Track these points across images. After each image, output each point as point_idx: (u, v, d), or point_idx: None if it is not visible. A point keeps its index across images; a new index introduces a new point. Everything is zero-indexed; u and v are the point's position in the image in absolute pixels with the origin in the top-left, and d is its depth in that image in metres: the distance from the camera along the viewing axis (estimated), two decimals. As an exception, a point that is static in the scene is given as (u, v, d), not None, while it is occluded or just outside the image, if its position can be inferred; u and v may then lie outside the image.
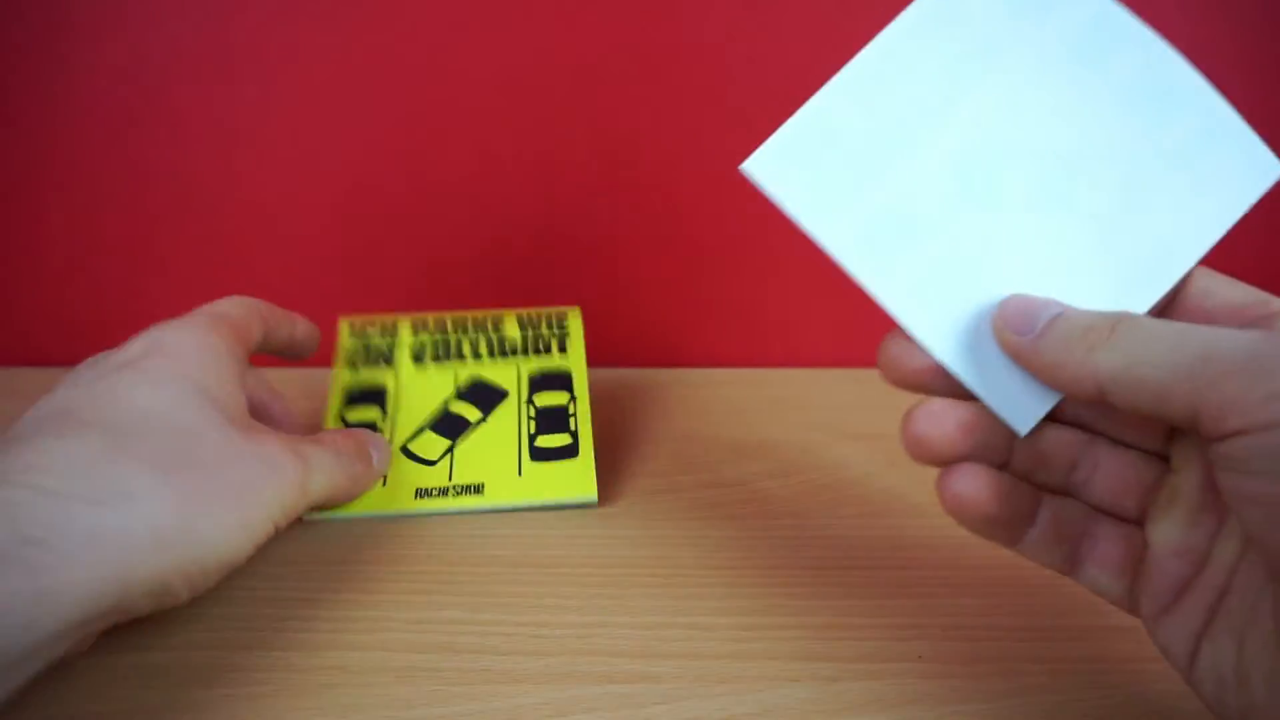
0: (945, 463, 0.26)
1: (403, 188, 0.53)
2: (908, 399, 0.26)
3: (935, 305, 0.26)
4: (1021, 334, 0.25)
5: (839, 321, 0.54)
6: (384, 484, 0.38)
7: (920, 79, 0.27)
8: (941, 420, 0.25)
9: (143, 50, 0.50)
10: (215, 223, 0.54)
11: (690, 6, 0.50)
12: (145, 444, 0.27)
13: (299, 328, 0.39)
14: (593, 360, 0.57)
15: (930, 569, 0.34)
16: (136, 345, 0.31)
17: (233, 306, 0.35)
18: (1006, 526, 0.26)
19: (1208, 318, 0.26)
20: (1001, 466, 0.26)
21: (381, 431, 0.41)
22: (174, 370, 0.30)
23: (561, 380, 0.43)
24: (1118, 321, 0.23)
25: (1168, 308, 0.27)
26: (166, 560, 0.25)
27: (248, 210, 0.53)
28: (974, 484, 0.25)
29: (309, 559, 0.34)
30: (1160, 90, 0.27)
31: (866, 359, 0.34)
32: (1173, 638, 0.24)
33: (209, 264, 0.54)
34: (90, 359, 0.32)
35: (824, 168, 0.26)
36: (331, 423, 0.41)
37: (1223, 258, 0.27)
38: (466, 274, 0.56)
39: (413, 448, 0.40)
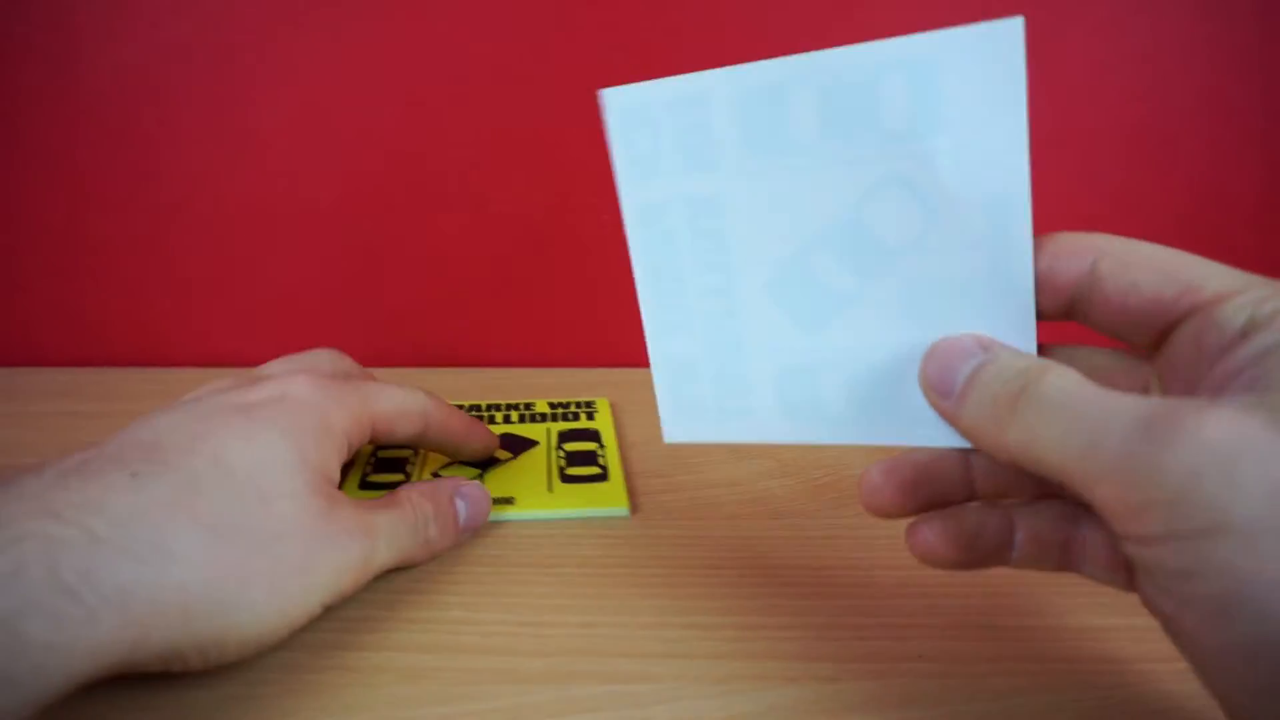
0: (907, 517, 0.26)
1: (403, 185, 0.53)
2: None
3: (879, 411, 0.26)
4: (944, 396, 0.24)
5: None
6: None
7: (689, 268, 0.27)
8: (882, 489, 0.26)
9: (143, 50, 0.50)
10: (215, 222, 0.54)
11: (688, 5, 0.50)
12: (208, 500, 0.26)
13: (472, 444, 0.39)
14: (595, 360, 0.57)
15: (930, 569, 0.34)
16: (268, 389, 0.30)
17: (398, 401, 0.34)
18: (983, 560, 0.26)
19: (1135, 319, 0.24)
20: (969, 497, 0.26)
21: (410, 465, 0.41)
22: (280, 427, 0.29)
23: (591, 435, 0.45)
24: (1023, 389, 0.22)
25: (1089, 303, 0.24)
26: (186, 630, 0.24)
27: (248, 209, 0.53)
28: (934, 538, 0.26)
29: (310, 559, 0.34)
30: (850, 93, 0.24)
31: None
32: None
33: (209, 263, 0.54)
34: (236, 375, 0.33)
35: (710, 395, 0.28)
36: (359, 463, 0.41)
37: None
38: (469, 271, 0.56)
39: (442, 473, 0.41)
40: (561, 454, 0.43)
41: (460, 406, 0.46)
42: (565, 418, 0.47)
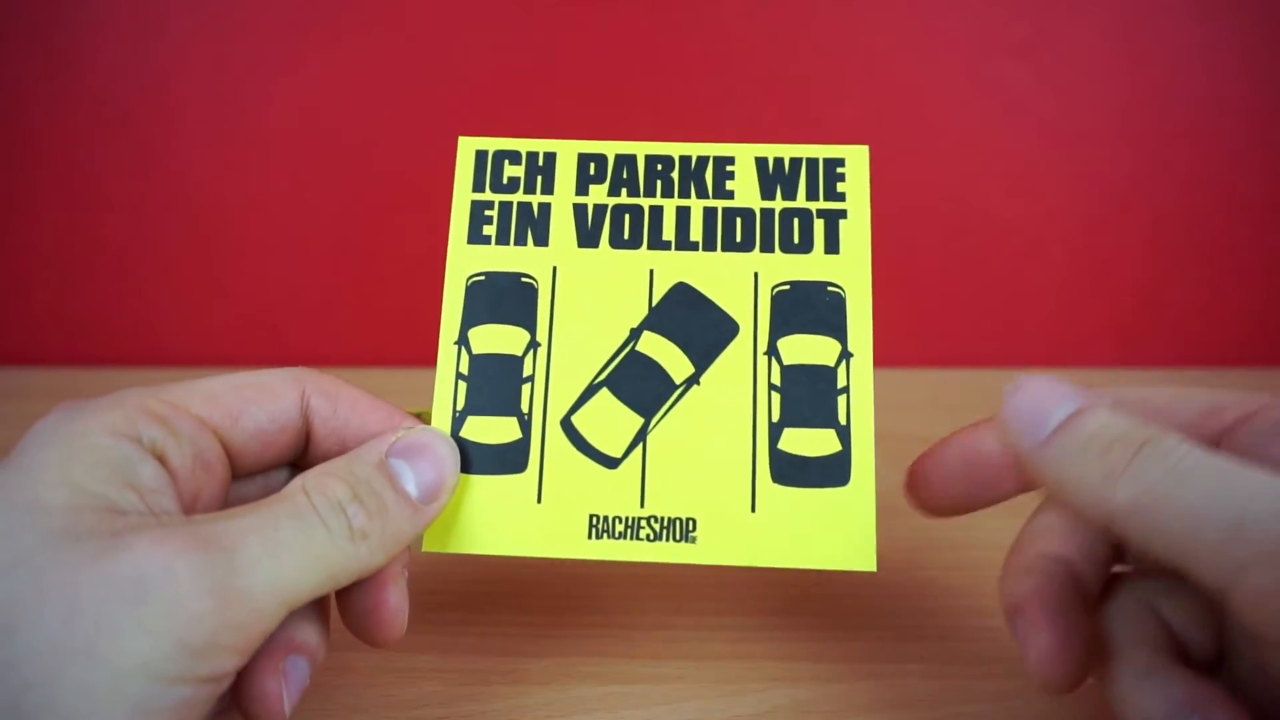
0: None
1: (404, 185, 0.53)
2: (910, 398, 0.26)
3: None
4: (1031, 435, 0.21)
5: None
6: (538, 499, 0.25)
7: None
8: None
9: (143, 50, 0.50)
10: (214, 222, 0.54)
11: (693, 8, 0.50)
12: None
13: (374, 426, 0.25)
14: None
15: (932, 569, 0.34)
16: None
17: (216, 382, 0.24)
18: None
19: None
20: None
21: (528, 376, 0.26)
22: (6, 496, 0.20)
23: (827, 308, 0.26)
24: (1144, 444, 0.19)
25: None
26: None
27: (247, 209, 0.53)
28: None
29: (310, 559, 0.34)
30: None
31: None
32: None
33: (209, 263, 0.54)
34: None
35: None
36: (445, 354, 0.26)
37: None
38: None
39: (581, 423, 0.25)
40: (776, 367, 0.26)
41: None
42: (788, 239, 0.26)
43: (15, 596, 0.18)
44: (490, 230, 0.27)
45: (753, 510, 0.25)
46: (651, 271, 0.26)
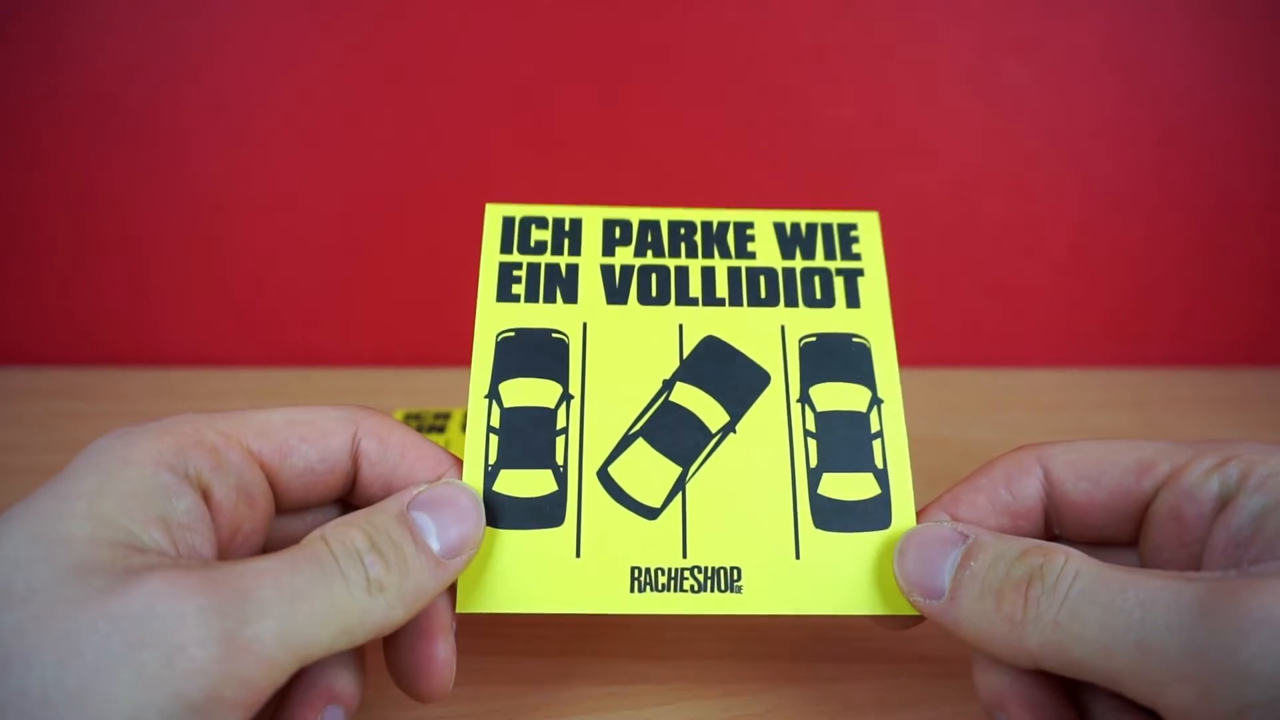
0: None
1: (404, 185, 0.53)
2: (909, 398, 0.26)
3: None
4: (932, 598, 0.22)
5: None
6: (577, 553, 0.25)
7: None
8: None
9: (143, 49, 0.50)
10: (215, 223, 0.54)
11: (692, 8, 0.50)
12: None
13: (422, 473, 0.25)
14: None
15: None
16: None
17: (286, 411, 0.24)
18: None
19: (1107, 514, 0.23)
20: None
21: (562, 428, 0.26)
22: (19, 513, 0.19)
23: (854, 357, 0.27)
24: (1030, 577, 0.20)
25: (1059, 515, 0.24)
26: None
27: (248, 210, 0.53)
28: None
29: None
30: None
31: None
32: None
33: (210, 263, 0.54)
34: None
35: None
36: (475, 408, 0.26)
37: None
38: (472, 270, 0.56)
39: (618, 474, 0.25)
40: (810, 415, 0.26)
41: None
42: (810, 294, 0.28)
43: (19, 631, 0.17)
44: (519, 289, 0.28)
45: (797, 557, 0.25)
46: (681, 326, 0.27)
